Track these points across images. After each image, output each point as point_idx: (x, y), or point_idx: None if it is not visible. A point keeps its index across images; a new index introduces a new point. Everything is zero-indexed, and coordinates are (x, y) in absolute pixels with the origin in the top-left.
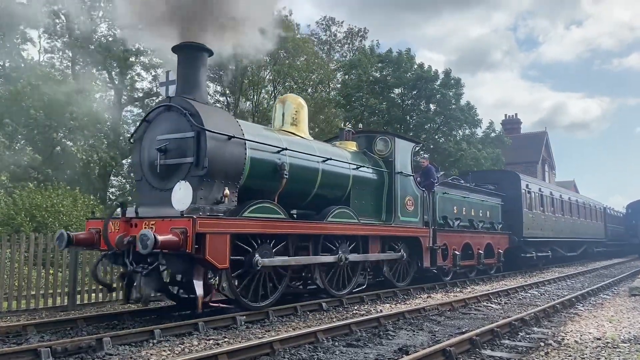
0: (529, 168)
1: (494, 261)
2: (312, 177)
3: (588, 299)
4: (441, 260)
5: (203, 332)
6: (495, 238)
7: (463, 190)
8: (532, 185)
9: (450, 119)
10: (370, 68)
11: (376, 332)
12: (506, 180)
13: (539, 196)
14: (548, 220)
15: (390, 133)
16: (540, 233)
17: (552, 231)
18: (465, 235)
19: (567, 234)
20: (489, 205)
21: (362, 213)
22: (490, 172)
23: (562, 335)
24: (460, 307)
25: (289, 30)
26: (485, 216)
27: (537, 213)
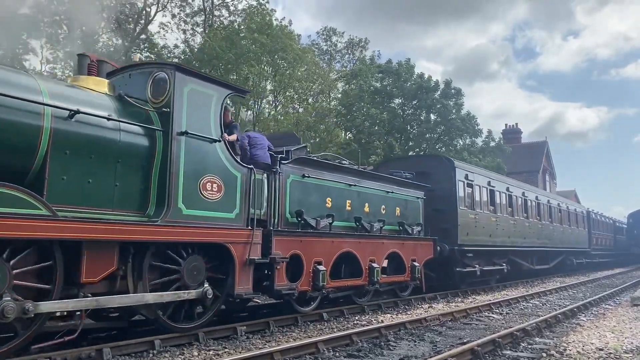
0: (529, 177)
1: (404, 278)
2: None
3: (590, 309)
4: (284, 280)
5: (203, 342)
6: (408, 246)
7: (346, 174)
8: (475, 176)
9: (451, 129)
10: (370, 78)
11: (377, 343)
12: (436, 169)
13: (489, 192)
14: (503, 224)
15: (170, 64)
16: (489, 240)
17: (510, 238)
18: (345, 242)
19: (534, 242)
20: (400, 200)
21: (89, 200)
22: (415, 157)
23: (564, 345)
24: (462, 317)
25: (290, 40)
26: (392, 215)
27: (483, 214)
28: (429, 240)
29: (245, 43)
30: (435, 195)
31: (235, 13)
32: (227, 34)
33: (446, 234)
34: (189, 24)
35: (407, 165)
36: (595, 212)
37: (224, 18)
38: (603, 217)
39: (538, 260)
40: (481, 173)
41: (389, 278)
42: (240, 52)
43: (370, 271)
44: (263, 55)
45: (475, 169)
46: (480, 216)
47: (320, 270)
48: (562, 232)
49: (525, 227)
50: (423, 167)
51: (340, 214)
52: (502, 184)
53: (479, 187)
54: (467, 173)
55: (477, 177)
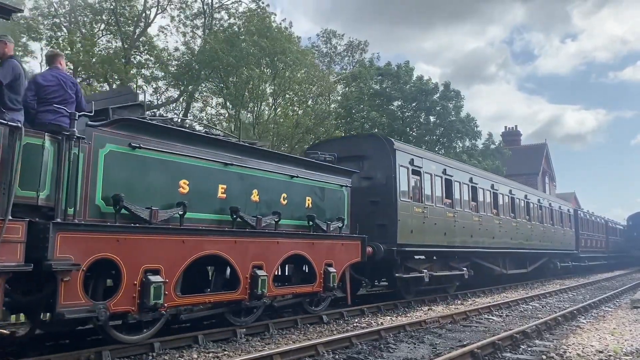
0: (529, 180)
1: (312, 288)
2: None
3: (590, 311)
4: (80, 298)
5: (203, 345)
6: (320, 246)
7: (220, 149)
8: (425, 162)
9: (451, 131)
10: (370, 80)
11: (377, 345)
12: (372, 151)
13: (445, 182)
14: (464, 222)
15: None
16: (443, 240)
17: (473, 238)
18: (208, 241)
19: (507, 243)
20: (311, 188)
21: None
22: (349, 138)
23: (564, 348)
24: (462, 320)
25: (290, 43)
26: (298, 206)
27: (436, 209)
28: (354, 240)
29: (245, 46)
30: (373, 184)
31: (235, 16)
32: (226, 36)
33: (383, 231)
34: (188, 26)
35: (341, 147)
36: (584, 211)
37: (224, 21)
38: (594, 216)
39: (513, 263)
40: (434, 159)
41: (285, 289)
42: (240, 55)
43: (253, 281)
44: (262, 58)
45: (427, 153)
46: (432, 211)
47: (153, 282)
48: (543, 232)
49: (495, 226)
50: (358, 149)
51: (204, 204)
52: (464, 174)
53: (431, 175)
54: (413, 157)
55: (427, 164)
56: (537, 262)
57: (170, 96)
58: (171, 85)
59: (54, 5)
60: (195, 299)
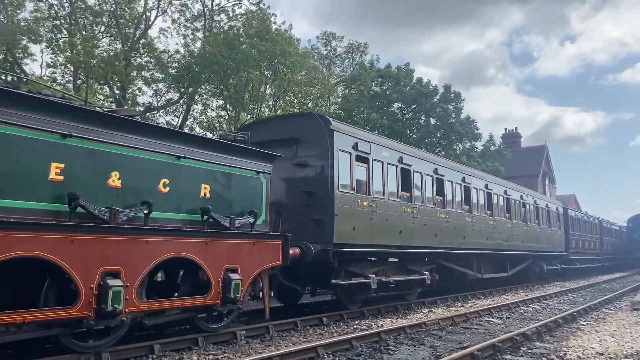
0: (529, 182)
1: (205, 301)
2: None
3: (590, 313)
4: None
5: (202, 347)
6: (218, 247)
7: (47, 113)
8: (374, 147)
9: (451, 133)
10: (370, 82)
11: (377, 347)
12: (307, 133)
13: (400, 172)
14: (426, 219)
15: None
16: (398, 239)
17: (438, 237)
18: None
19: (483, 244)
20: (210, 173)
21: None
22: (281, 118)
23: (565, 350)
24: (462, 322)
25: (290, 45)
26: (188, 196)
27: (388, 203)
28: (272, 239)
29: (245, 48)
30: (308, 172)
31: (234, 18)
32: (226, 39)
33: (319, 229)
34: (189, 29)
35: (273, 129)
36: (575, 210)
37: (223, 23)
38: (586, 215)
39: (490, 266)
40: (387, 145)
41: (159, 303)
42: (240, 58)
43: (101, 293)
44: (262, 61)
45: (376, 137)
46: (383, 205)
47: None
48: (526, 231)
49: (467, 224)
50: (292, 130)
51: (21, 187)
52: (427, 164)
53: (383, 164)
54: (358, 141)
55: (377, 150)
56: (520, 265)
57: (170, 98)
58: (171, 87)
59: (54, 8)
60: None
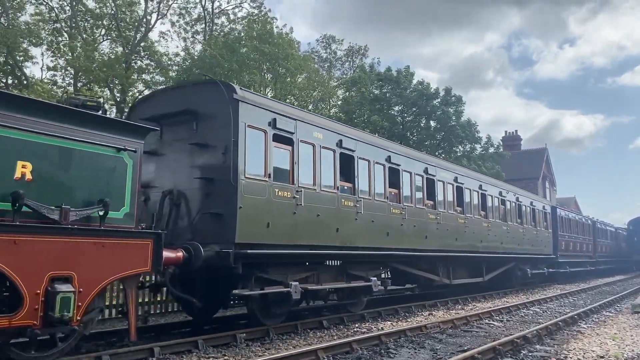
0: (529, 184)
1: (14, 322)
2: None
3: (591, 316)
4: None
5: (203, 350)
6: (38, 248)
7: None
8: (298, 126)
9: (451, 135)
10: (370, 85)
11: (377, 350)
12: (208, 105)
13: (337, 158)
14: (371, 214)
15: None
16: (333, 239)
17: (391, 236)
18: None
19: (450, 245)
20: (35, 147)
21: None
22: (181, 87)
23: (565, 353)
24: (462, 325)
25: (290, 48)
26: (4, 178)
27: (315, 194)
28: (135, 237)
29: (246, 51)
30: (208, 154)
31: (235, 21)
32: (226, 42)
33: (219, 225)
34: (189, 32)
35: (169, 101)
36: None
37: (224, 26)
38: (578, 216)
39: (462, 270)
40: (320, 124)
41: None
42: (241, 60)
43: None
44: (263, 63)
45: (304, 114)
46: (312, 198)
47: None
48: (506, 232)
49: (429, 223)
50: (191, 102)
51: None
52: (378, 151)
53: (314, 147)
54: (277, 117)
55: (306, 130)
56: (498, 269)
57: None
58: None
59: (54, 11)
60: None
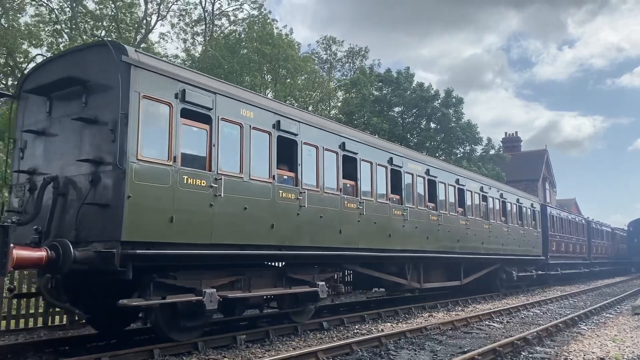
0: (529, 186)
1: None
2: None
3: (591, 317)
4: None
5: (202, 351)
6: None
7: None
8: (218, 101)
9: (451, 137)
10: (370, 87)
11: (377, 352)
12: (97, 75)
13: (274, 141)
14: (317, 207)
15: None
16: (264, 236)
17: (343, 235)
18: None
19: (419, 245)
20: None
21: None
22: (69, 54)
23: (565, 354)
24: (462, 326)
25: (290, 49)
26: None
27: (241, 184)
28: None
29: (247, 52)
30: (96, 131)
31: (236, 22)
32: (227, 43)
33: (103, 218)
34: (188, 33)
35: (58, 70)
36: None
37: (224, 28)
38: (571, 214)
39: (436, 273)
40: (251, 101)
41: None
42: (241, 61)
43: None
44: (264, 65)
45: (227, 88)
46: (237, 188)
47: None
48: (488, 231)
49: (395, 220)
50: (80, 70)
51: None
52: (329, 136)
53: (241, 128)
54: (187, 89)
55: (229, 107)
56: (479, 271)
57: None
58: None
59: (55, 12)
60: None
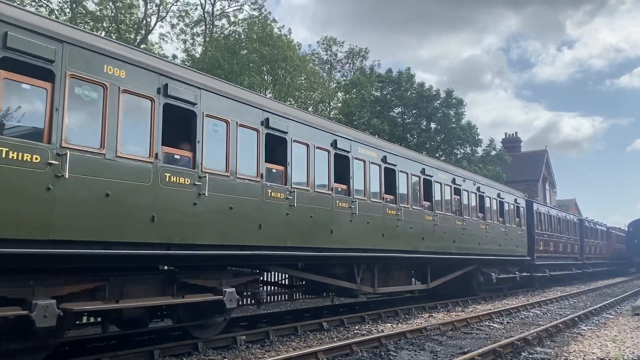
0: (529, 186)
1: None
2: None
3: (591, 318)
4: None
5: (202, 352)
6: None
7: None
8: (66, 50)
9: (451, 137)
10: (370, 87)
11: (377, 352)
12: None
13: (156, 110)
14: (223, 195)
15: None
16: (148, 233)
17: (264, 230)
18: None
19: (370, 243)
20: None
21: None
22: None
23: (565, 355)
24: (462, 327)
25: (290, 50)
26: None
27: (102, 164)
28: None
29: (246, 53)
30: None
31: (236, 23)
32: (227, 44)
33: None
34: (188, 34)
35: None
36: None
37: (224, 29)
38: (562, 212)
39: (395, 275)
40: (120, 56)
41: None
42: (241, 62)
43: None
44: (264, 65)
45: (82, 35)
46: (94, 167)
47: None
48: (461, 228)
49: (339, 213)
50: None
51: None
52: (243, 109)
53: (105, 90)
54: (10, 31)
55: (93, 62)
56: (450, 273)
57: None
58: None
59: (55, 13)
60: None
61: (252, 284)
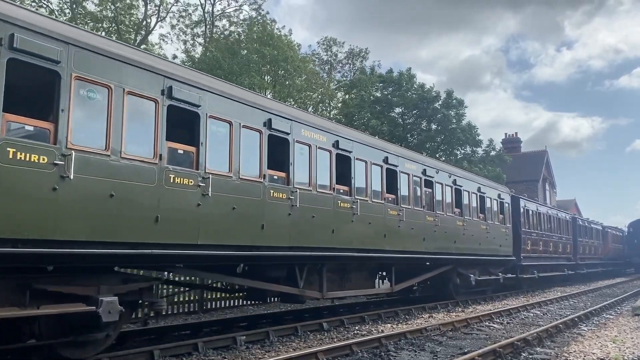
0: (529, 186)
1: None
2: None
3: (591, 318)
4: None
5: (202, 352)
6: None
7: None
8: None
9: (452, 138)
10: (370, 87)
11: (377, 353)
12: None
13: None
14: (91, 175)
15: None
16: None
17: (162, 224)
18: None
19: (316, 241)
20: None
21: None
22: None
23: (565, 355)
24: (462, 327)
25: (290, 50)
26: None
27: None
28: None
29: (246, 53)
30: None
31: (236, 23)
32: (227, 44)
33: None
34: (188, 34)
35: None
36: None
37: (225, 29)
38: (553, 209)
39: (350, 278)
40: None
41: None
42: (241, 63)
43: None
44: (264, 66)
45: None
46: None
47: None
48: (433, 224)
49: (278, 206)
50: None
51: None
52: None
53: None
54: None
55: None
56: (419, 275)
57: None
58: None
59: (55, 13)
60: None
61: (147, 291)
